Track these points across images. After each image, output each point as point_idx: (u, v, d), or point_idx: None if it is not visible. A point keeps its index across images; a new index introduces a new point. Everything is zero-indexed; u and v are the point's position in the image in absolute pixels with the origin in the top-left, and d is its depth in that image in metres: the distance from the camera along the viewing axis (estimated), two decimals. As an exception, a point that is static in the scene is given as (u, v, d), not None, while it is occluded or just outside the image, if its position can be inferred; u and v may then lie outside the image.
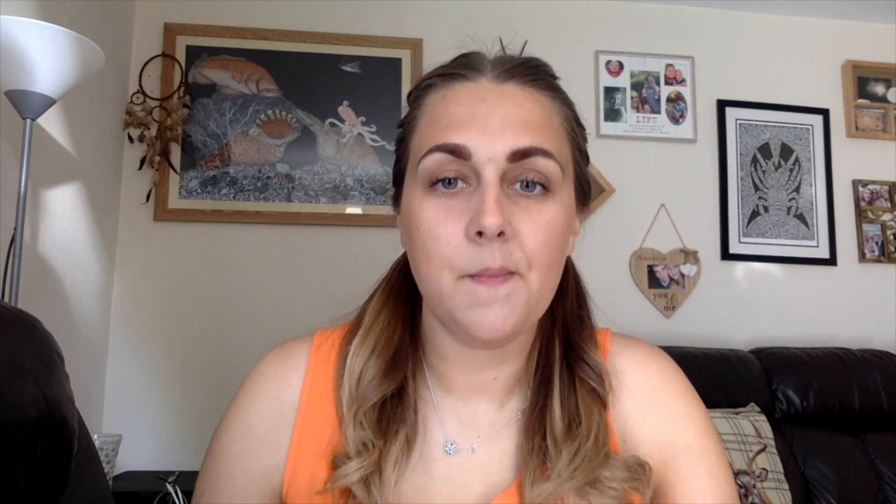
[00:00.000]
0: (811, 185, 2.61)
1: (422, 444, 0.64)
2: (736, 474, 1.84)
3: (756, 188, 2.58)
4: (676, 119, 2.59)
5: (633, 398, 0.66)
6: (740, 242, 2.54)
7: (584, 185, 0.66)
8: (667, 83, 2.60)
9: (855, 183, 2.63)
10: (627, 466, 0.61)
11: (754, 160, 2.60)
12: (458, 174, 0.58)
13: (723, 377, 2.10)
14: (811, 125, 2.64)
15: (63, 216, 1.81)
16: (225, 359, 2.18)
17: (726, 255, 2.53)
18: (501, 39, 0.68)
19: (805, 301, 2.54)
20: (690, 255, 2.50)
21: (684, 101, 2.60)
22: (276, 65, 2.38)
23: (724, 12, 2.67)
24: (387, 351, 0.65)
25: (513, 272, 0.56)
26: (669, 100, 2.60)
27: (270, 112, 2.36)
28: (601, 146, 2.49)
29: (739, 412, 2.00)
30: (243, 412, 0.66)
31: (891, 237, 2.60)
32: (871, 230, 2.61)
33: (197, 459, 0.68)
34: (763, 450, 1.91)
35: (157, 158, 2.24)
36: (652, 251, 2.49)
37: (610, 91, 2.57)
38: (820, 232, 2.58)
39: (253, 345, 1.90)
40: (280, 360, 0.68)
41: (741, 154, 2.60)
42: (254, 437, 0.65)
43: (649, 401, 0.66)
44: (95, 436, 1.57)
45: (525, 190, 0.59)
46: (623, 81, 2.58)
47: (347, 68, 2.42)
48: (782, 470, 1.92)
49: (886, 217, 2.61)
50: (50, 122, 1.71)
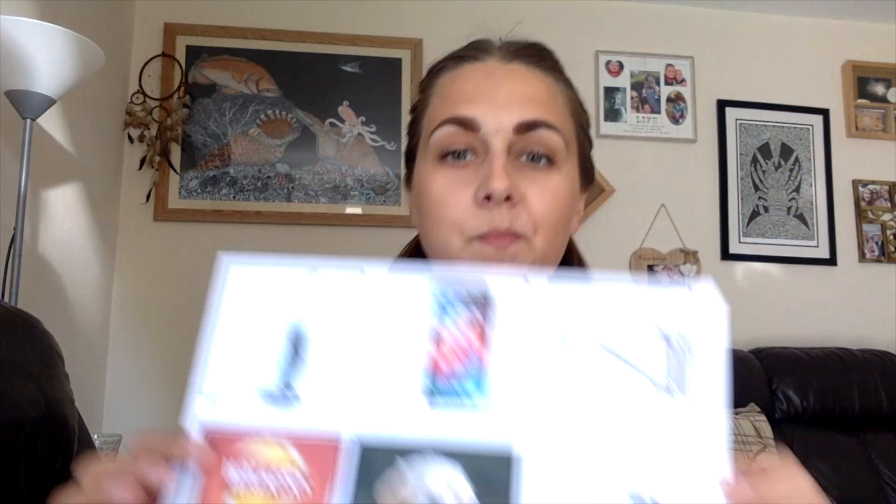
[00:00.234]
0: (811, 185, 2.61)
1: None
2: (736, 474, 1.83)
3: (756, 188, 2.58)
4: (676, 119, 2.59)
5: None
6: (740, 242, 2.54)
7: (588, 165, 0.69)
8: (667, 83, 2.60)
9: (855, 183, 2.63)
10: None
11: (754, 160, 2.60)
12: (468, 146, 0.61)
13: (723, 377, 2.10)
14: (811, 125, 2.64)
15: (63, 216, 1.81)
16: (225, 359, 2.18)
17: (726, 255, 2.53)
18: (498, 40, 0.70)
19: (805, 301, 2.53)
20: (690, 255, 2.50)
21: (684, 101, 2.60)
22: (276, 65, 2.38)
23: (724, 12, 2.67)
24: None
25: (519, 235, 0.59)
26: (669, 100, 2.59)
27: (270, 112, 2.36)
28: (601, 146, 2.46)
29: (739, 412, 2.00)
30: None
31: (891, 237, 2.60)
32: (871, 230, 2.61)
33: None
34: (763, 450, 1.91)
35: (157, 158, 2.24)
36: (652, 251, 2.49)
37: (610, 91, 2.57)
38: (820, 232, 2.58)
39: (253, 345, 1.89)
40: None
41: (741, 154, 2.60)
42: None
43: None
44: (95, 436, 1.57)
45: (531, 162, 0.61)
46: (623, 81, 2.58)
47: (347, 68, 2.42)
48: (782, 470, 1.92)
49: (886, 217, 2.61)
50: (50, 122, 1.71)
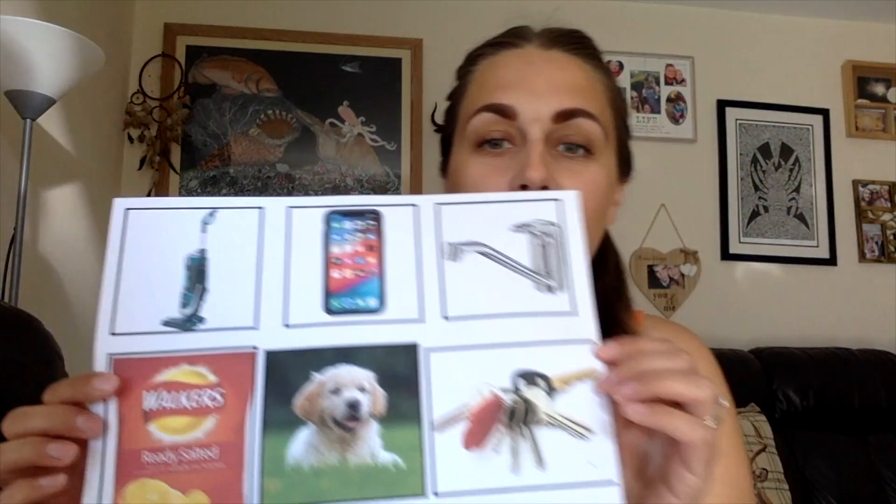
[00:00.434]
0: (811, 185, 2.61)
1: None
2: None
3: (756, 188, 2.58)
4: (676, 119, 2.59)
5: None
6: (740, 242, 2.54)
7: (626, 155, 0.69)
8: (667, 83, 2.60)
9: (855, 183, 2.63)
10: None
11: (754, 160, 2.60)
12: (505, 135, 0.61)
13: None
14: (811, 125, 2.64)
15: (63, 216, 1.81)
16: (225, 359, 2.18)
17: (726, 255, 2.53)
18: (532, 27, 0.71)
19: (805, 301, 2.53)
20: (690, 255, 2.50)
21: (684, 101, 2.60)
22: (276, 65, 2.38)
23: (724, 12, 2.67)
24: None
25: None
26: (669, 100, 2.59)
27: (270, 112, 2.36)
28: (601, 146, 2.49)
29: (739, 412, 2.00)
30: None
31: (891, 237, 2.60)
32: (871, 230, 2.61)
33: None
34: (763, 450, 1.91)
35: (157, 158, 2.24)
36: (652, 251, 2.49)
37: (610, 91, 2.57)
38: (820, 232, 2.58)
39: (253, 345, 1.89)
40: None
41: (741, 154, 2.60)
42: None
43: None
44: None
45: (568, 151, 0.61)
46: (623, 81, 2.58)
47: (347, 68, 2.42)
48: (782, 470, 1.92)
49: (886, 217, 2.61)
50: (50, 122, 1.71)
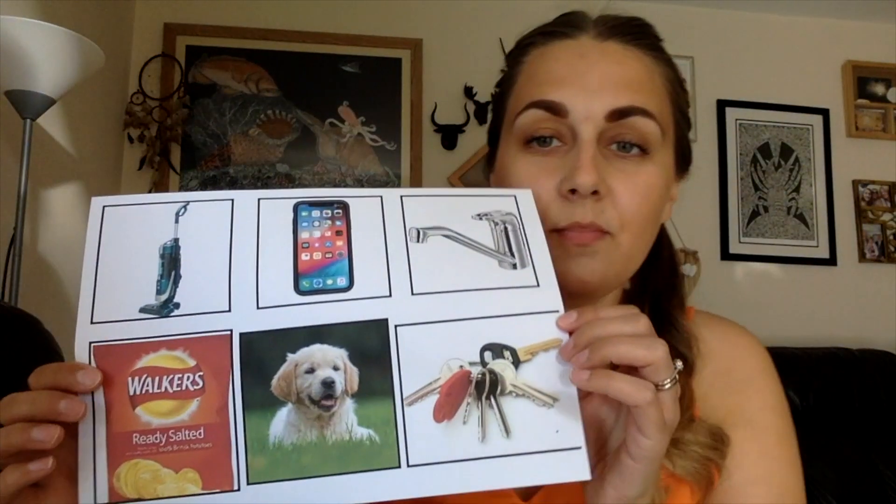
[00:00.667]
0: (811, 185, 2.61)
1: None
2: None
3: (756, 188, 2.58)
4: (676, 119, 2.59)
5: (708, 366, 0.63)
6: (740, 242, 2.54)
7: (685, 150, 0.65)
8: (667, 83, 2.60)
9: (855, 183, 2.63)
10: (711, 433, 0.58)
11: (754, 160, 2.60)
12: (554, 133, 0.58)
13: (723, 377, 2.10)
14: (811, 125, 2.64)
15: (63, 216, 1.81)
16: (225, 359, 2.18)
17: (726, 255, 2.53)
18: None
19: (805, 301, 2.53)
20: (690, 255, 2.50)
21: (684, 101, 2.60)
22: (276, 65, 2.38)
23: (724, 12, 2.67)
24: None
25: (604, 231, 0.55)
26: (669, 100, 2.59)
27: (270, 112, 2.36)
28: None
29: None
30: None
31: (891, 237, 2.60)
32: (871, 230, 2.61)
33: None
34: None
35: (157, 158, 2.24)
36: (652, 251, 2.49)
37: (610, 91, 2.57)
38: (820, 232, 2.58)
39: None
40: None
41: (741, 154, 2.60)
42: None
43: (723, 368, 0.64)
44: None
45: (622, 151, 0.57)
46: (623, 81, 2.58)
47: (347, 68, 2.42)
48: (782, 470, 1.92)
49: (886, 217, 2.61)
50: (50, 122, 1.71)
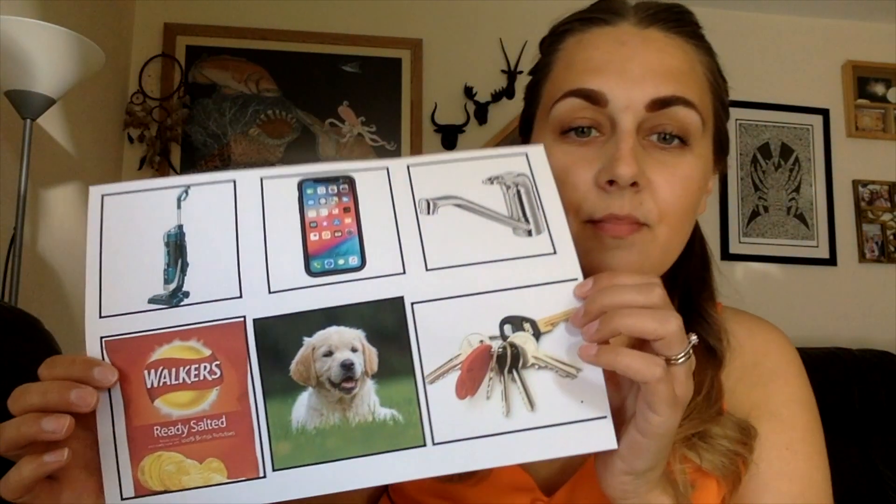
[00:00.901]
0: (811, 185, 2.61)
1: None
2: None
3: (756, 188, 2.58)
4: (676, 119, 2.59)
5: (737, 360, 0.63)
6: (740, 242, 2.54)
7: (724, 140, 0.64)
8: (667, 83, 2.60)
9: (855, 183, 2.63)
10: (739, 427, 0.58)
11: (754, 160, 2.60)
12: (593, 122, 0.56)
13: (723, 377, 2.10)
14: (811, 125, 2.64)
15: (63, 216, 1.81)
16: (225, 359, 2.18)
17: (726, 255, 2.53)
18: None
19: (805, 301, 2.53)
20: (690, 255, 2.50)
21: (684, 101, 2.60)
22: (276, 65, 2.38)
23: (724, 12, 2.67)
24: None
25: (641, 223, 0.54)
26: (669, 100, 2.59)
27: (270, 112, 2.36)
28: (601, 146, 2.49)
29: (739, 412, 2.00)
30: None
31: (891, 237, 2.60)
32: (871, 230, 2.61)
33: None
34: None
35: (157, 158, 2.24)
36: (652, 251, 2.49)
37: (610, 91, 2.57)
38: (820, 232, 2.58)
39: (253, 345, 1.89)
40: None
41: (741, 154, 2.60)
42: None
43: (750, 361, 0.64)
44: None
45: (662, 142, 0.56)
46: (623, 81, 2.58)
47: (347, 68, 2.42)
48: (782, 470, 1.92)
49: (886, 217, 2.61)
50: (50, 122, 1.71)
